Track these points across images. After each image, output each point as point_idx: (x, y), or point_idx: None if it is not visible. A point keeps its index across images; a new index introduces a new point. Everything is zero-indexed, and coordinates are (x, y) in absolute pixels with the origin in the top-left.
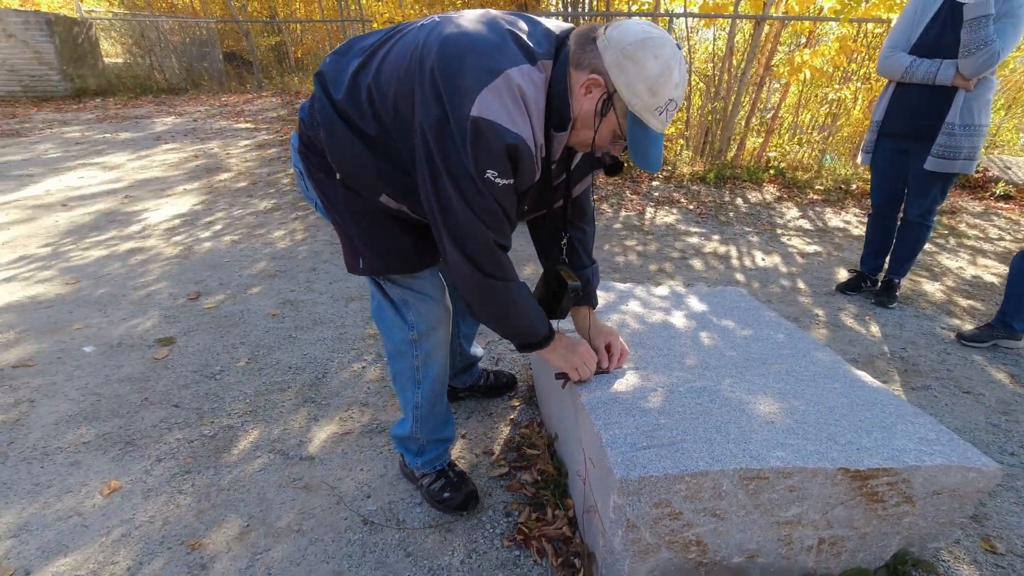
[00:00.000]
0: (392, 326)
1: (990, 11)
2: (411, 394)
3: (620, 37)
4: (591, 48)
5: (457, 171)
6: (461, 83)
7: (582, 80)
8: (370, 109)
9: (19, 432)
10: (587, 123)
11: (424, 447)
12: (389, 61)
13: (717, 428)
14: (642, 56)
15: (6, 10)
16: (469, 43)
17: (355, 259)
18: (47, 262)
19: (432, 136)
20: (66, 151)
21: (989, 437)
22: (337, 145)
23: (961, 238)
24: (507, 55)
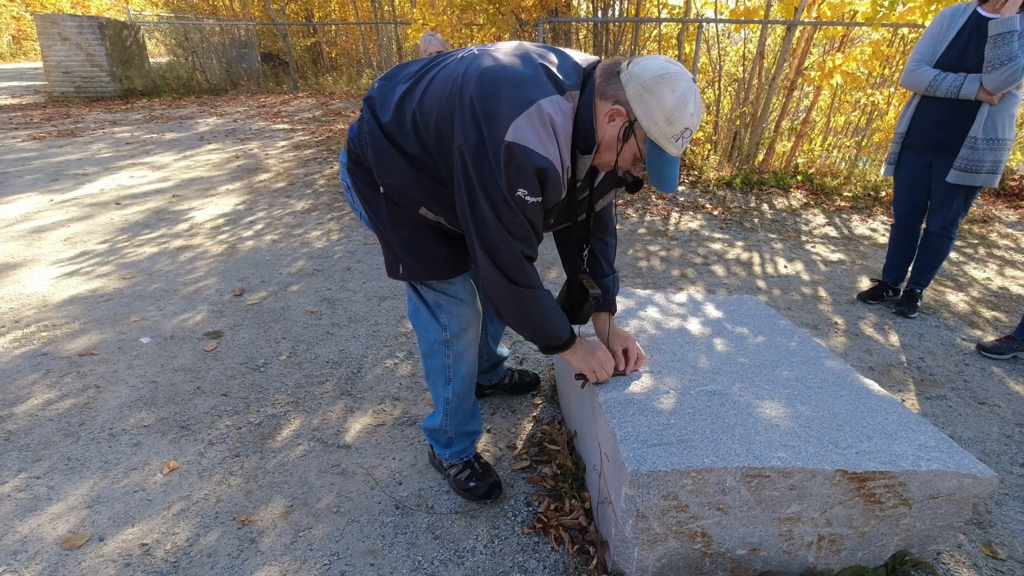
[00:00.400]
0: (427, 327)
1: (1015, 27)
2: (442, 390)
3: (640, 72)
4: (615, 81)
5: (491, 189)
6: (498, 111)
7: (606, 109)
8: (413, 132)
9: (88, 415)
10: (610, 147)
11: (453, 439)
12: (432, 89)
13: (724, 429)
14: (660, 89)
15: (63, 15)
16: (505, 75)
17: (395, 265)
18: (105, 258)
19: (470, 159)
20: (117, 151)
21: (1001, 448)
22: (383, 162)
23: (991, 248)
24: (539, 86)
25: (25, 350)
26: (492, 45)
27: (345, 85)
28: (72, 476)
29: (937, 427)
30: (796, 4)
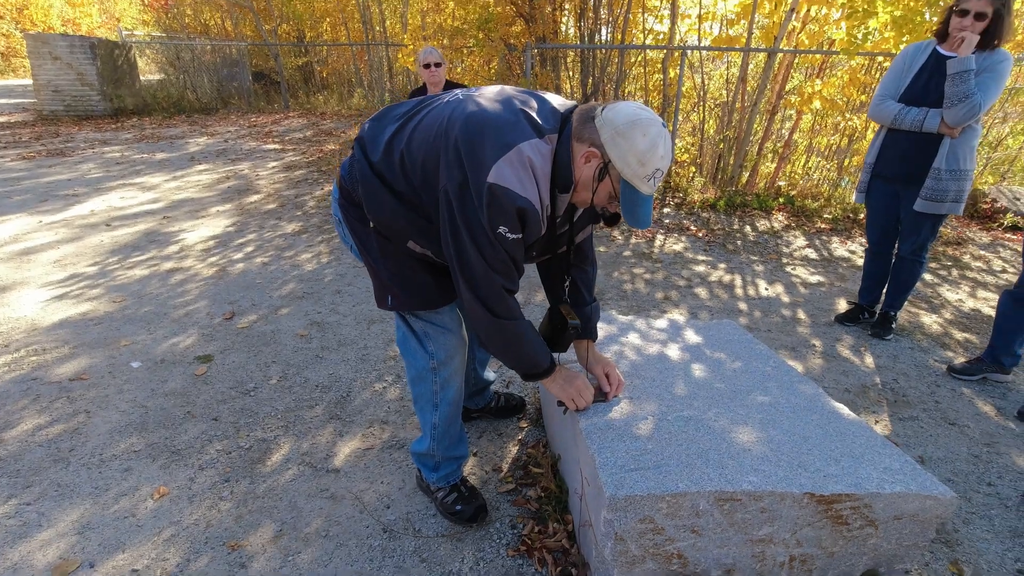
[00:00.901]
0: (415, 355)
1: (971, 67)
2: (430, 415)
3: (613, 117)
4: (590, 125)
5: (474, 227)
6: (480, 154)
7: (583, 151)
8: (401, 171)
9: (79, 440)
10: (586, 186)
11: (440, 463)
12: (419, 131)
13: (699, 454)
14: (632, 134)
15: (54, 35)
16: (488, 120)
17: (385, 296)
18: (95, 280)
19: (454, 197)
20: (107, 171)
21: (969, 467)
22: (373, 199)
23: (964, 270)
24: (520, 131)
25: (15, 375)
26: (476, 90)
27: (336, 105)
28: (62, 502)
29: (902, 449)
30: (776, 33)
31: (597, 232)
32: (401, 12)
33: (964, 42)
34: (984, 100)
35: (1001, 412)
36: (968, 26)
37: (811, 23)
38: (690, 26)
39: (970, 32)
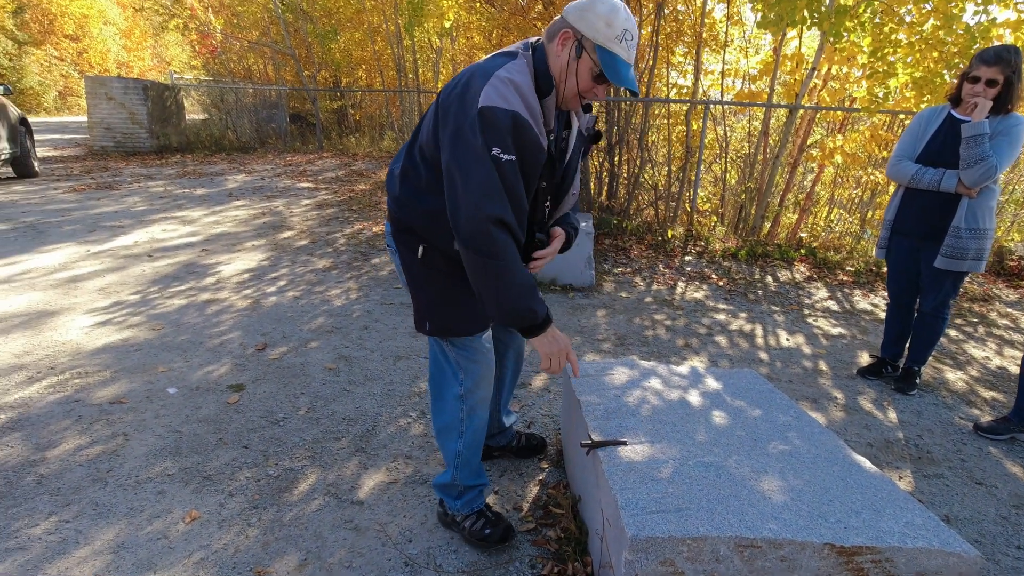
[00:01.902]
0: (446, 382)
1: (985, 131)
2: (454, 444)
3: (575, 3)
4: (556, 21)
5: (468, 157)
6: (467, 95)
7: (558, 40)
8: (423, 161)
9: (116, 461)
10: (565, 72)
11: (463, 491)
12: (423, 125)
13: (719, 499)
14: (594, 5)
15: (111, 77)
16: (466, 72)
17: (423, 321)
18: (136, 308)
19: (450, 142)
20: (151, 204)
21: (998, 529)
22: (410, 205)
23: (991, 327)
24: (493, 65)
25: (59, 396)
26: None
27: (367, 146)
28: (99, 521)
29: (927, 507)
30: (797, 91)
31: (619, 278)
32: (434, 62)
33: (977, 108)
34: (1000, 162)
35: None
36: (980, 92)
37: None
38: (713, 81)
39: (983, 98)
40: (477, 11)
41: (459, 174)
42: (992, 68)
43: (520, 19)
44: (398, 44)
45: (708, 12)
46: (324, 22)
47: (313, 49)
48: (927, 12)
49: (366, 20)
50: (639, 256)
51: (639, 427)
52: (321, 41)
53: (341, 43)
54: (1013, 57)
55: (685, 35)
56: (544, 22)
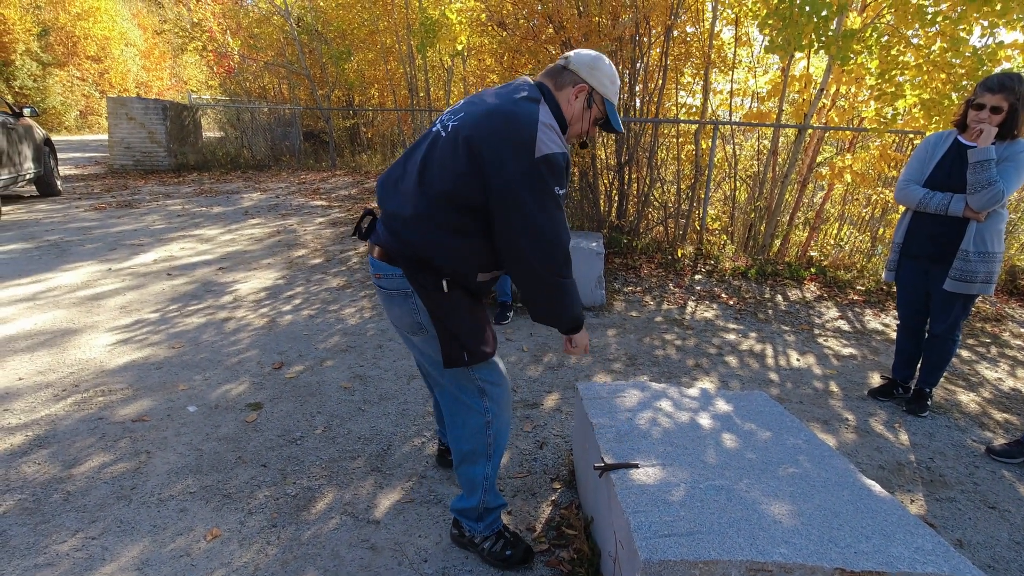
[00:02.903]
0: (469, 414)
1: (992, 156)
2: (482, 468)
3: (582, 60)
4: (566, 73)
5: (545, 200)
6: (521, 142)
7: (571, 92)
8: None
9: (140, 479)
10: (578, 118)
11: (485, 514)
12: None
13: (730, 523)
14: (601, 65)
15: (132, 98)
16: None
17: (460, 354)
18: (156, 326)
19: (520, 185)
20: (169, 223)
21: (1011, 554)
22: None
23: (1004, 348)
24: (530, 110)
25: (84, 413)
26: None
27: (379, 164)
28: (124, 538)
29: (940, 531)
30: (805, 111)
31: (630, 297)
32: (445, 81)
33: (983, 134)
34: (1007, 187)
35: None
36: (985, 119)
37: (841, 100)
38: (722, 100)
39: (988, 125)
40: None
41: (541, 215)
42: (996, 96)
43: (531, 42)
44: (410, 64)
45: (716, 34)
46: (338, 43)
47: (327, 69)
48: (934, 35)
49: (379, 41)
50: (649, 275)
51: (651, 449)
52: (335, 61)
53: (355, 63)
54: (1016, 85)
55: (694, 56)
56: (554, 45)
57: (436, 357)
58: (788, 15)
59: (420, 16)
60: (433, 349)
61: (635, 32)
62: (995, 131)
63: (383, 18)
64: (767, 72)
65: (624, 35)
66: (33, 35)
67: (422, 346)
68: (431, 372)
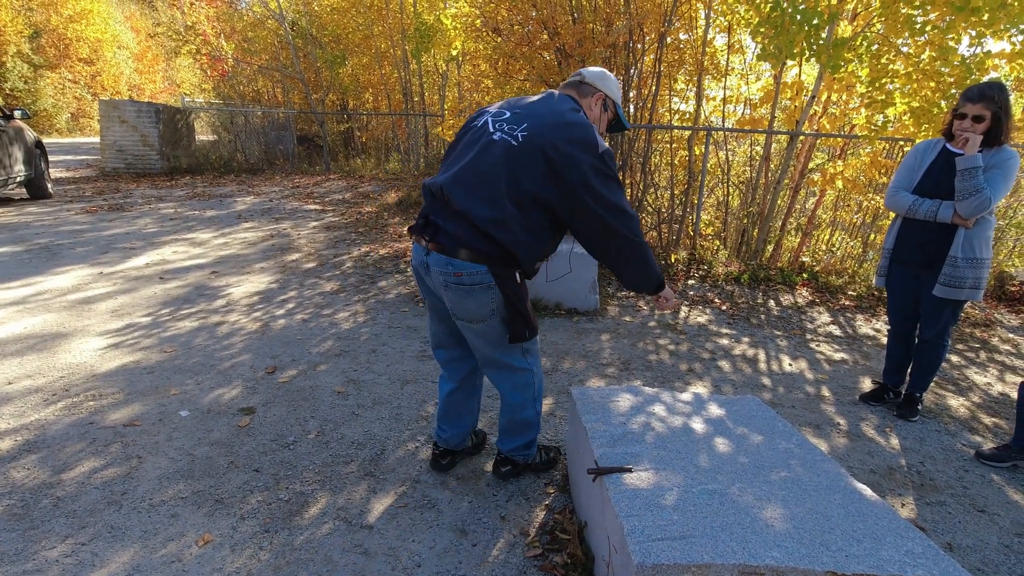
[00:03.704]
0: (516, 372)
1: (979, 163)
2: (531, 409)
3: (593, 74)
4: (585, 86)
5: (612, 184)
6: (584, 140)
7: (591, 101)
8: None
9: (130, 484)
10: (597, 120)
11: (533, 443)
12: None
13: (723, 527)
14: (608, 77)
15: (125, 101)
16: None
17: (524, 330)
18: (148, 330)
19: (594, 175)
20: (161, 226)
21: (1000, 557)
22: (514, 243)
23: (993, 352)
24: (581, 118)
25: (74, 418)
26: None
27: (373, 168)
28: (115, 544)
29: (930, 535)
30: (797, 117)
31: (623, 302)
32: (440, 86)
33: (969, 142)
34: (994, 194)
35: None
36: (968, 128)
37: (832, 108)
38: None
39: (972, 133)
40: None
41: (615, 195)
42: (976, 105)
43: (526, 48)
44: (405, 69)
45: (709, 41)
46: (333, 47)
47: (322, 73)
48: (923, 44)
49: (374, 45)
50: None
51: (644, 453)
52: (330, 66)
53: (349, 67)
54: (996, 94)
55: (687, 63)
56: (548, 51)
57: (497, 338)
58: (780, 23)
59: (415, 21)
60: (497, 331)
61: (629, 39)
62: (980, 139)
63: (378, 23)
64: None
65: (618, 41)
66: (25, 37)
67: (485, 330)
68: (484, 352)
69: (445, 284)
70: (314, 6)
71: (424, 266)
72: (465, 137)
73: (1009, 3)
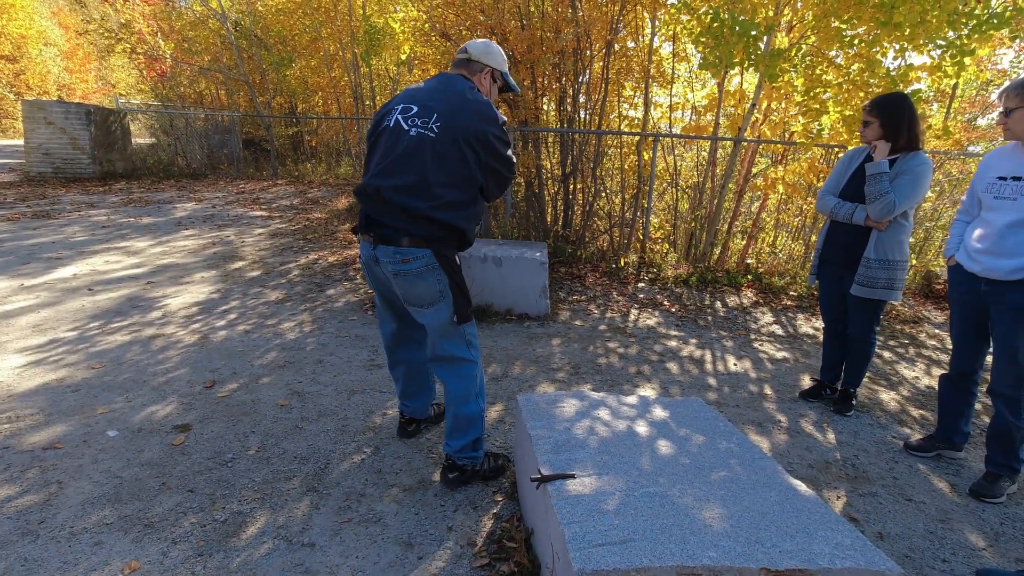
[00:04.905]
0: (462, 362)
1: (884, 169)
2: (475, 404)
3: (477, 47)
4: (474, 63)
5: (506, 146)
6: (487, 114)
7: (481, 76)
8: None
9: (49, 512)
10: (487, 92)
11: (478, 442)
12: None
13: (663, 529)
14: (491, 48)
15: (51, 102)
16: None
17: (467, 309)
18: (74, 346)
19: (498, 145)
20: (92, 234)
21: (925, 543)
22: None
23: (920, 348)
24: (479, 96)
25: None
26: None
27: (323, 174)
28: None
29: (862, 525)
30: (739, 124)
31: (574, 306)
32: (391, 90)
33: (878, 148)
34: (899, 199)
35: (955, 489)
36: (865, 132)
37: (772, 115)
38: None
39: (882, 141)
40: (433, 44)
41: (507, 153)
42: (865, 113)
43: None
44: (355, 72)
45: (656, 49)
46: (280, 49)
47: (268, 75)
48: (852, 56)
49: (323, 48)
50: (593, 284)
51: (588, 459)
52: (276, 68)
53: (297, 70)
54: (884, 103)
55: (634, 70)
56: None
57: (446, 319)
58: (719, 34)
59: (364, 24)
60: (446, 313)
61: (576, 46)
62: (888, 146)
63: (326, 25)
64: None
65: (566, 48)
66: None
67: (435, 314)
68: (433, 340)
69: (395, 273)
70: (258, 6)
71: (374, 259)
72: (381, 139)
73: (927, 20)
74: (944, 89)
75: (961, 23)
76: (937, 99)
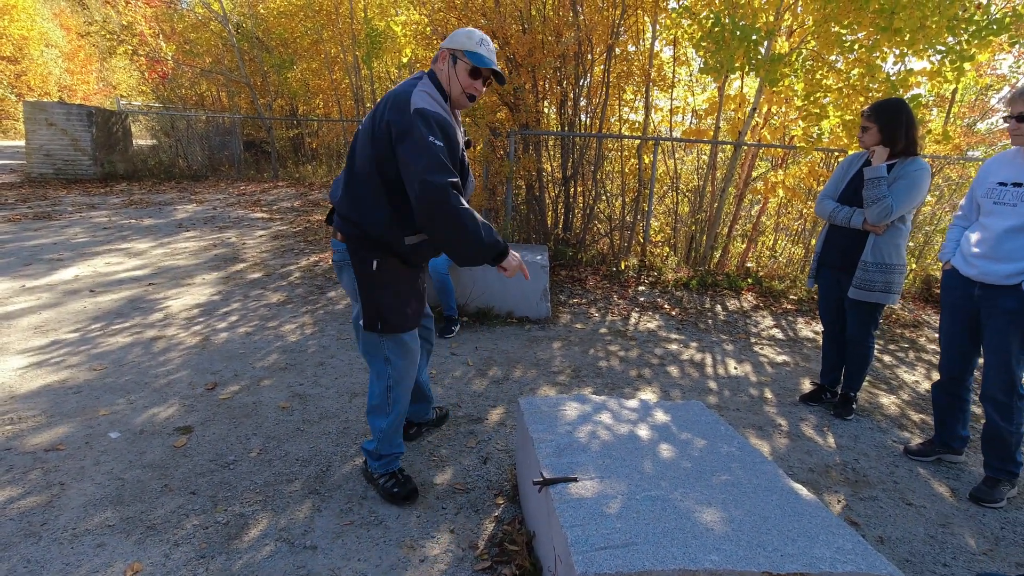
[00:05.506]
0: (379, 373)
1: (883, 174)
2: (381, 421)
3: (447, 39)
4: (438, 52)
5: (419, 135)
6: (402, 102)
7: (440, 59)
8: (367, 180)
9: (51, 514)
10: (450, 79)
11: (382, 456)
12: (358, 154)
13: (665, 533)
14: (456, 33)
15: (53, 103)
16: (388, 96)
17: (376, 322)
18: (76, 347)
19: (417, 129)
20: (94, 236)
21: (926, 548)
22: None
23: (920, 352)
24: (410, 84)
25: None
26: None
27: (324, 176)
28: None
29: (863, 530)
30: (740, 128)
31: (575, 309)
32: None
33: (876, 153)
34: (896, 203)
35: (955, 493)
36: (862, 138)
37: (772, 119)
38: (663, 117)
39: (880, 146)
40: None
41: (411, 158)
42: (864, 118)
43: None
44: (356, 74)
45: (656, 53)
46: (281, 51)
47: (269, 78)
48: (853, 61)
49: (324, 50)
50: (594, 287)
51: (589, 463)
52: (277, 70)
53: (298, 72)
54: (881, 108)
55: (635, 75)
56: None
57: (364, 321)
58: (720, 38)
59: (365, 27)
60: (360, 314)
61: (578, 49)
62: (886, 151)
63: (327, 28)
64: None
65: (567, 52)
66: None
67: (358, 310)
68: (358, 334)
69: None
70: (260, 9)
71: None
72: None
73: (927, 25)
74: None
75: (961, 29)
76: (937, 104)
